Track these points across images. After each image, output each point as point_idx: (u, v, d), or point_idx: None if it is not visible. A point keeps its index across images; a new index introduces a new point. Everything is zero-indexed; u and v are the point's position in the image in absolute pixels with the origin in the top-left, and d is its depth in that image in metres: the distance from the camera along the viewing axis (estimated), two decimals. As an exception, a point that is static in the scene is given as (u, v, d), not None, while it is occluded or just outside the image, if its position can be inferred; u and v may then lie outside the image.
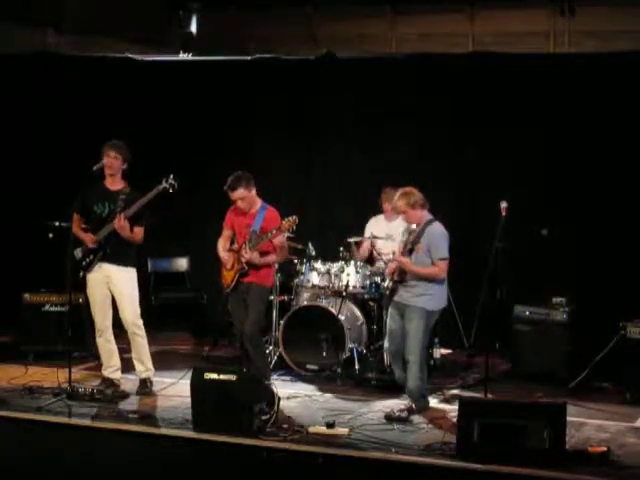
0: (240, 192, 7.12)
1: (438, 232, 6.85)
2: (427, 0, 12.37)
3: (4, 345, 8.93)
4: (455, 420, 6.03)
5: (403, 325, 6.86)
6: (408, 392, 6.86)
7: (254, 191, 7.22)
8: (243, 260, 7.09)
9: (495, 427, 5.71)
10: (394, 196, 7.93)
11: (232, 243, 7.38)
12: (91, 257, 7.30)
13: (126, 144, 7.37)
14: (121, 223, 7.13)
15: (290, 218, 6.98)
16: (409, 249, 6.84)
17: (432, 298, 6.82)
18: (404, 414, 6.64)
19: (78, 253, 7.34)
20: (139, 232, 7.31)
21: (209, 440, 6.05)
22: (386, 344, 7.05)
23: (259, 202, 7.29)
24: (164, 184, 7.24)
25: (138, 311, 7.38)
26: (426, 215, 6.92)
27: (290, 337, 8.08)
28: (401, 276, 6.86)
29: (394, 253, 7.40)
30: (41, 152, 9.92)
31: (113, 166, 7.27)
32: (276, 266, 8.00)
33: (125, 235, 7.20)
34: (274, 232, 7.03)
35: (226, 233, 7.39)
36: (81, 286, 7.60)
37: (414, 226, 6.93)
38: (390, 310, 7.04)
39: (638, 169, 8.59)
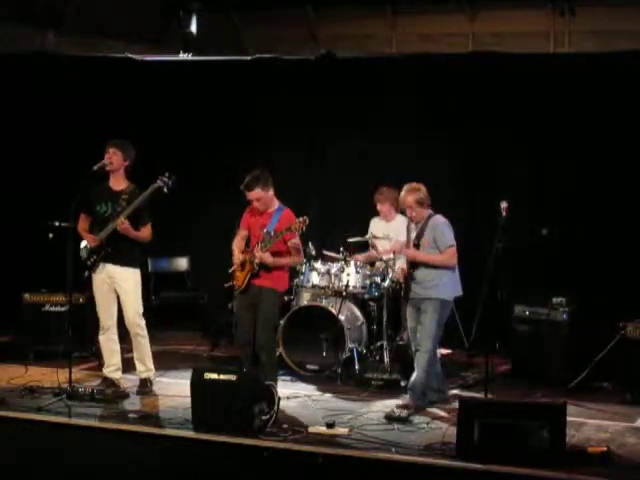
0: (256, 192, 7.02)
1: (441, 222, 6.94)
2: (427, 0, 12.39)
3: (4, 345, 8.94)
4: (455, 420, 6.03)
5: (418, 319, 6.92)
6: (410, 386, 6.85)
7: (271, 192, 7.11)
8: (255, 261, 7.03)
9: (495, 427, 5.71)
10: (390, 196, 7.93)
11: (247, 244, 7.33)
12: (95, 257, 7.31)
13: (129, 143, 7.37)
14: (123, 225, 7.13)
15: (300, 218, 6.90)
16: (414, 244, 6.90)
17: (445, 287, 6.89)
18: (404, 414, 6.63)
19: (84, 253, 7.35)
20: (145, 230, 7.31)
21: (209, 440, 6.05)
22: (412, 344, 7.10)
23: (276, 203, 7.20)
24: (159, 182, 7.23)
25: (141, 311, 7.39)
26: (428, 211, 7.00)
27: (290, 337, 8.07)
28: (410, 273, 6.90)
29: (394, 253, 7.41)
30: (41, 152, 9.92)
31: (112, 161, 7.26)
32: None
33: (131, 235, 7.20)
34: (285, 232, 6.97)
35: (242, 233, 7.28)
36: (82, 286, 7.61)
37: (413, 225, 6.99)
38: (408, 309, 7.10)
39: (638, 169, 8.60)
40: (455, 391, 7.57)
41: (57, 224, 8.37)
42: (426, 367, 6.81)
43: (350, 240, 8.55)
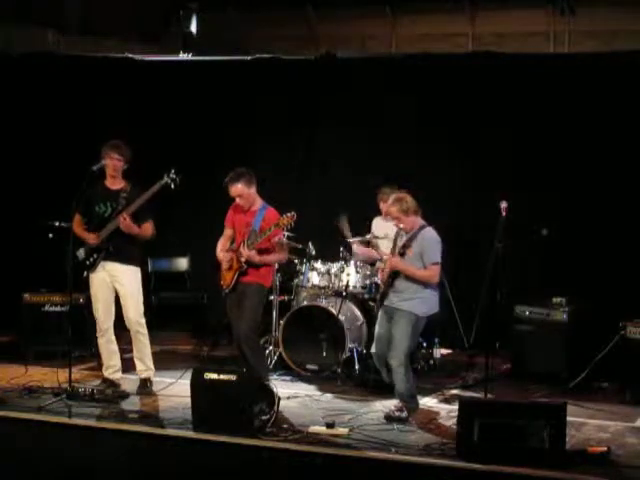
0: (238, 188, 7.09)
1: (431, 237, 6.76)
2: (427, 0, 12.38)
3: (4, 345, 8.94)
4: (455, 420, 6.03)
5: (389, 329, 6.82)
6: (398, 395, 6.79)
7: (254, 189, 7.19)
8: (242, 259, 7.07)
9: (495, 427, 5.70)
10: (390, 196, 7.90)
11: (232, 243, 7.36)
12: (95, 256, 7.29)
13: (125, 143, 7.37)
14: (126, 222, 7.12)
15: (288, 214, 6.92)
16: (400, 253, 6.76)
17: (422, 302, 6.73)
18: (404, 414, 6.63)
19: (81, 253, 7.34)
20: (148, 227, 7.32)
21: (209, 440, 6.04)
22: (373, 349, 7.00)
23: (259, 201, 7.26)
24: (166, 179, 7.23)
25: (142, 310, 7.39)
26: (419, 221, 6.85)
27: (290, 337, 8.07)
28: (391, 281, 6.79)
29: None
30: (41, 152, 9.92)
31: (116, 168, 7.28)
32: (276, 266, 8.00)
33: (133, 232, 7.19)
34: (272, 229, 7.00)
35: (227, 232, 7.35)
36: (82, 286, 7.60)
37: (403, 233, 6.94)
38: (379, 314, 6.97)
39: (638, 169, 8.60)
40: (455, 391, 7.58)
41: (57, 224, 8.37)
42: (404, 378, 6.69)
43: (350, 240, 8.56)
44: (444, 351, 8.73)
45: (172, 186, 7.25)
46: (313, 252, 8.44)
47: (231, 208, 7.33)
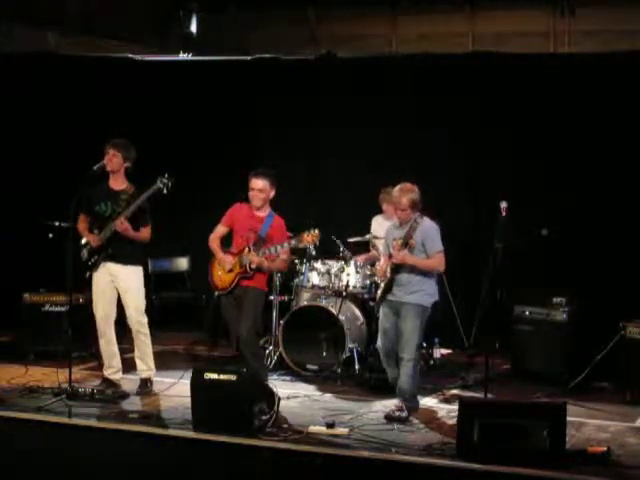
0: (263, 183, 7.05)
1: (431, 226, 6.83)
2: (427, 0, 12.38)
3: (4, 345, 8.94)
4: (455, 420, 6.03)
5: (397, 323, 6.84)
6: (399, 391, 6.80)
7: (273, 193, 7.15)
8: (252, 265, 6.99)
9: (495, 427, 5.71)
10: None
11: (223, 244, 7.32)
12: (96, 257, 7.30)
13: (129, 143, 7.36)
14: (123, 225, 7.12)
15: (312, 232, 6.90)
16: (403, 245, 6.74)
17: (426, 294, 6.81)
18: (404, 414, 6.63)
19: (84, 253, 7.34)
20: (145, 231, 7.31)
21: (209, 440, 6.04)
22: (379, 343, 7.01)
23: (268, 208, 7.22)
24: (158, 184, 7.20)
25: (143, 308, 7.38)
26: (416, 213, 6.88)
27: (290, 337, 8.07)
28: (394, 275, 6.82)
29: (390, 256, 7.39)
30: (41, 152, 9.92)
31: (112, 163, 7.25)
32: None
33: (130, 235, 7.19)
34: (292, 243, 6.99)
35: (221, 230, 7.27)
36: (82, 286, 7.60)
37: (394, 223, 6.98)
38: (383, 309, 6.98)
39: (638, 169, 8.60)
40: (455, 391, 7.59)
41: (57, 224, 8.37)
42: (411, 373, 6.74)
43: (350, 240, 8.56)
44: (444, 351, 8.73)
45: (165, 191, 7.21)
46: (313, 252, 8.44)
47: (233, 208, 7.28)
